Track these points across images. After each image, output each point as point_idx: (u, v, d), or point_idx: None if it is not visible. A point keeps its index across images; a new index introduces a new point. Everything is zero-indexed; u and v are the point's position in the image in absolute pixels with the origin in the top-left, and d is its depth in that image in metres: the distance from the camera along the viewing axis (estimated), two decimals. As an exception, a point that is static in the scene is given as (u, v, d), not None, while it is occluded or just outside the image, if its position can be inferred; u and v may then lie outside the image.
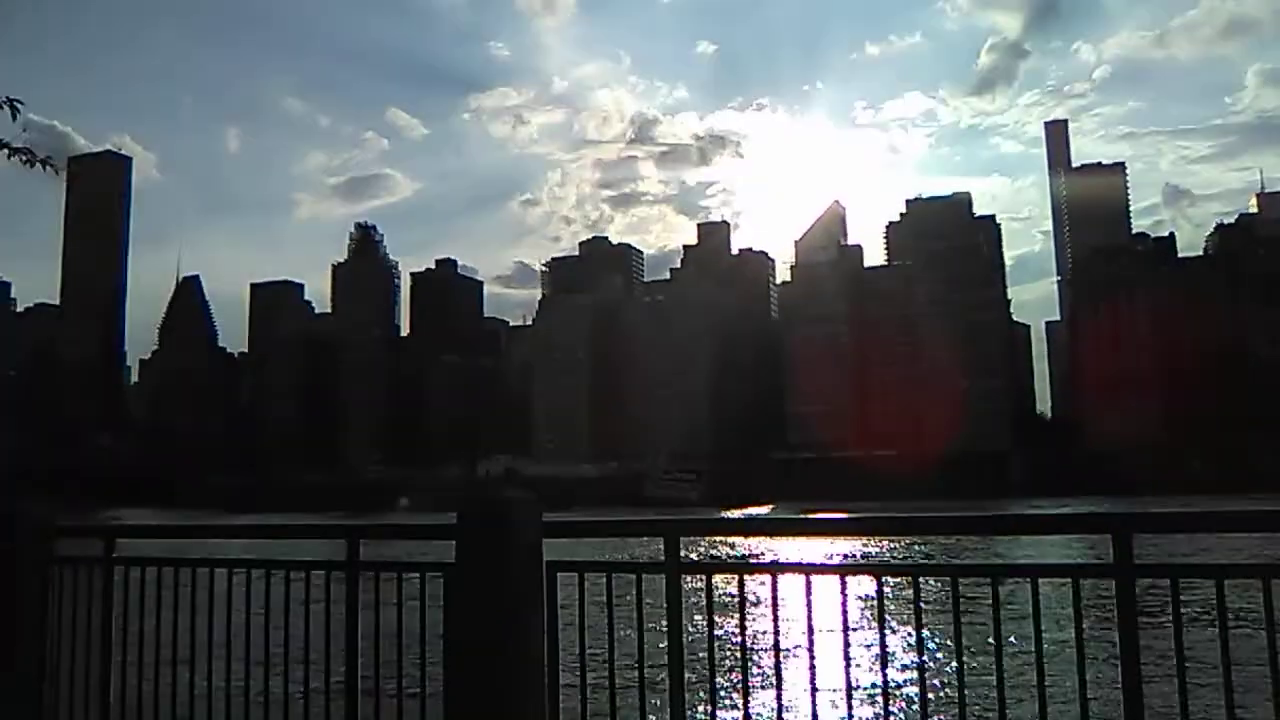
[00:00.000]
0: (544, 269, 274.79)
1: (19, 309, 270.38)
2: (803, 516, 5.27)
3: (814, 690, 4.44)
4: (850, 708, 4.46)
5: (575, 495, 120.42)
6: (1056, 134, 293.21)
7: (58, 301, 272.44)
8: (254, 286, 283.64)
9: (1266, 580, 3.96)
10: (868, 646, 4.57)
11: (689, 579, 4.81)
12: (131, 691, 6.36)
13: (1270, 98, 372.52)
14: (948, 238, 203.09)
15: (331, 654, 5.68)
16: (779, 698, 4.50)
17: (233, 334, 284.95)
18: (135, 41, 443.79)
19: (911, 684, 4.49)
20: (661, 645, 4.77)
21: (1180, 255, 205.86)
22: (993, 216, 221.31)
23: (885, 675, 4.36)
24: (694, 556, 5.12)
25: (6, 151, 6.86)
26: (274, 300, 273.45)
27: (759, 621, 4.61)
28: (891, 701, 4.46)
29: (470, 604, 4.83)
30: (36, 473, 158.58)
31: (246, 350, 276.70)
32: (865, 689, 4.76)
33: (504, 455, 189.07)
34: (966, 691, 4.27)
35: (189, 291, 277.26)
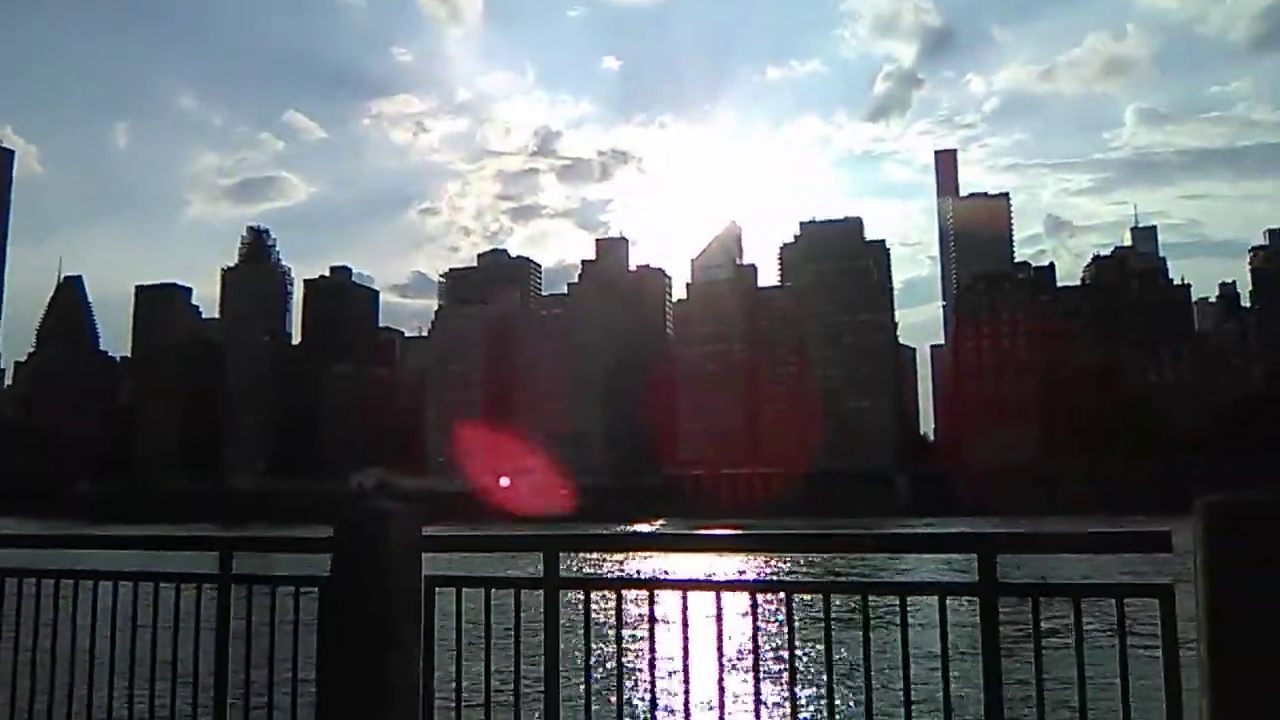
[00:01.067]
0: (441, 279, 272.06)
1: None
2: (682, 532, 5.34)
3: (687, 707, 4.48)
4: (723, 714, 4.52)
5: (452, 509, 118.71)
6: (946, 162, 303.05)
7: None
8: (139, 289, 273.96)
9: (1120, 599, 4.17)
10: (743, 661, 4.65)
11: (569, 594, 4.81)
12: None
13: (1146, 135, 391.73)
14: (839, 260, 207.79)
15: (201, 672, 5.52)
16: (653, 715, 4.54)
17: (116, 337, 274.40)
18: (18, 29, 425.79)
19: (783, 699, 4.57)
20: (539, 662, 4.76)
21: (1059, 284, 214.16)
22: (883, 241, 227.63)
23: (757, 690, 4.43)
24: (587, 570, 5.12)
25: None
26: (160, 303, 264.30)
27: (639, 638, 4.64)
28: (764, 714, 4.53)
29: (345, 619, 4.74)
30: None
31: (129, 354, 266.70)
32: (740, 701, 4.83)
33: (377, 468, 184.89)
34: (837, 702, 4.37)
35: (70, 292, 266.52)
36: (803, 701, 4.54)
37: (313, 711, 4.83)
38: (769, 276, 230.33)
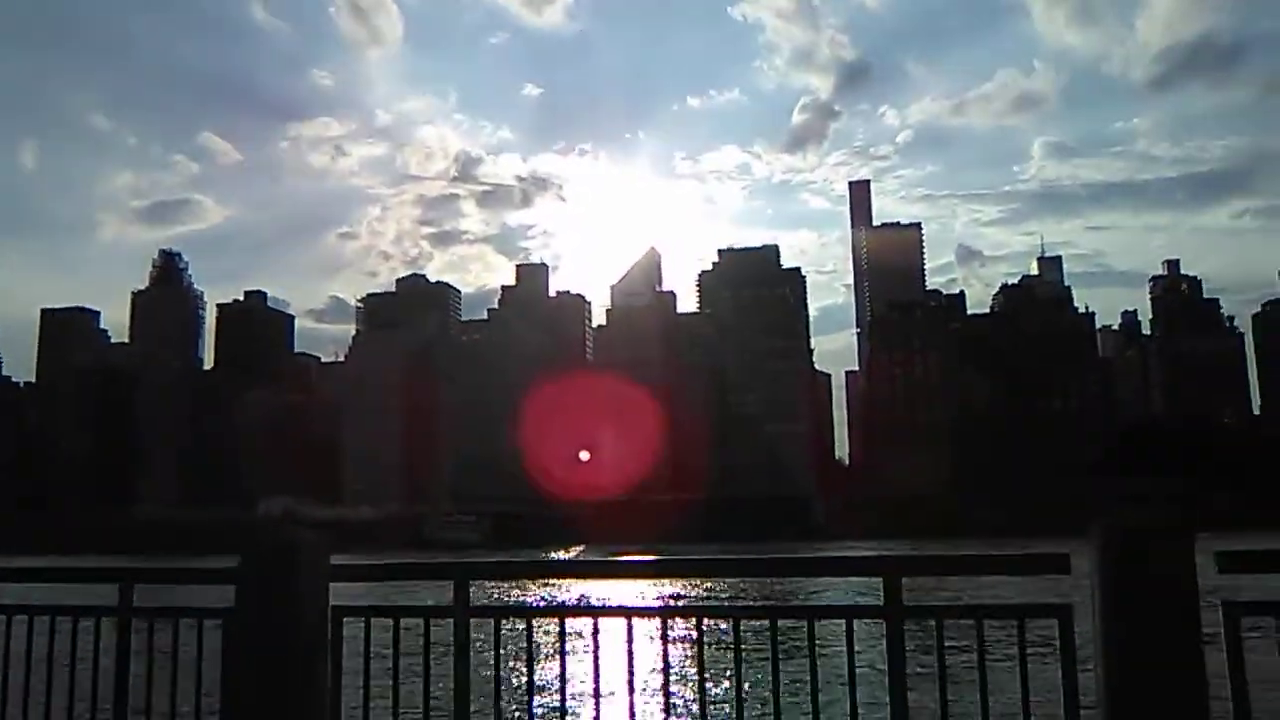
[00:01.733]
0: (359, 305, 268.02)
1: None
2: (594, 560, 5.34)
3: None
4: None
5: (359, 537, 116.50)
6: (860, 193, 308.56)
7: None
8: (44, 312, 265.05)
9: (1021, 620, 4.28)
10: (655, 687, 4.65)
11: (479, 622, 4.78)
12: None
13: (1053, 168, 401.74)
14: (756, 287, 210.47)
15: (99, 708, 5.34)
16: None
17: (19, 362, 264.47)
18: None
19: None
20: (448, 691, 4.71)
21: (969, 312, 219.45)
22: (799, 269, 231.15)
23: (667, 715, 4.44)
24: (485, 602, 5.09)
25: None
26: (67, 327, 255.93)
27: (551, 665, 4.62)
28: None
29: (251, 652, 4.64)
30: None
31: (34, 380, 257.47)
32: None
33: (284, 496, 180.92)
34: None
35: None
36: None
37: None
38: (688, 302, 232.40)
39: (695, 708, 4.50)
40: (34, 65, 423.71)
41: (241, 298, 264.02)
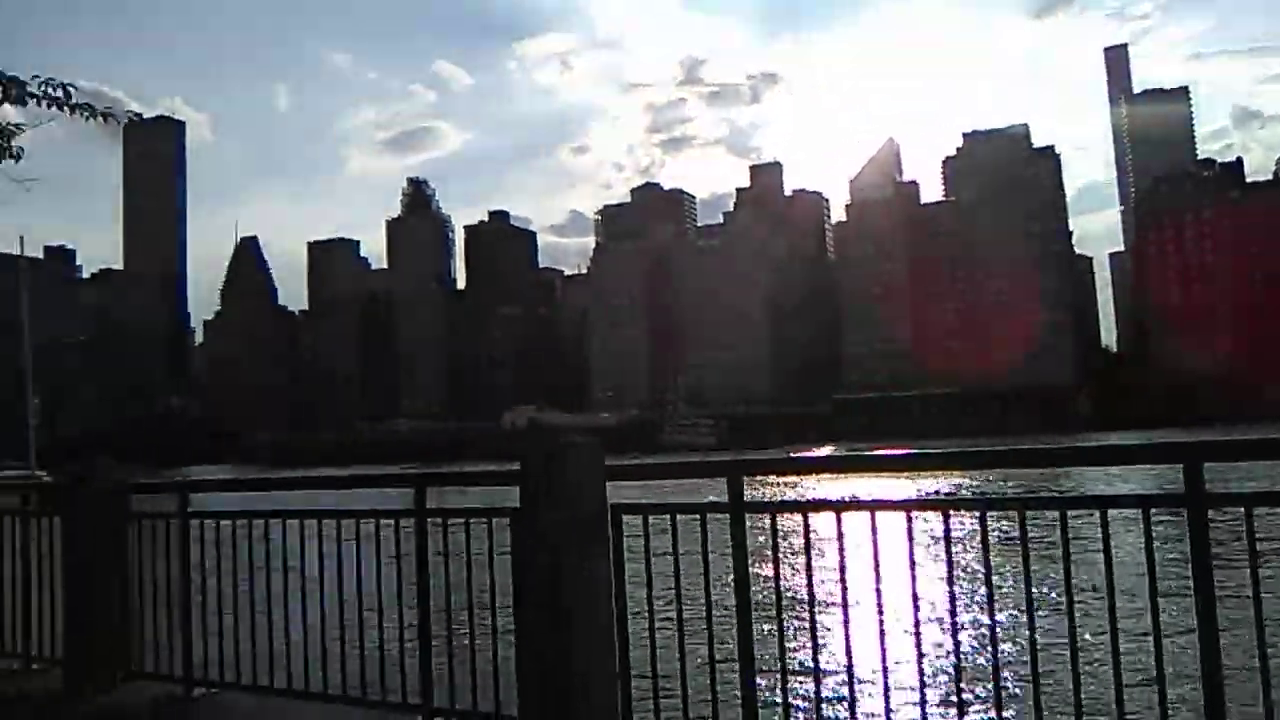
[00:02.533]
0: (597, 217, 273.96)
1: (84, 275, 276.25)
2: (866, 453, 5.25)
3: (882, 630, 4.44)
4: (919, 645, 4.46)
5: (609, 444, 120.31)
6: (1116, 58, 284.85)
7: (121, 266, 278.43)
8: (311, 244, 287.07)
9: None
10: (937, 583, 4.55)
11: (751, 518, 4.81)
12: (213, 640, 6.58)
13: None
14: (1006, 170, 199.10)
15: (403, 600, 5.79)
16: (847, 637, 4.51)
17: (292, 292, 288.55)
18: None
19: (981, 620, 4.47)
20: (721, 587, 4.81)
21: (1249, 180, 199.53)
22: (1051, 146, 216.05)
23: (954, 611, 4.34)
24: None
25: (68, 110, 6.73)
26: (331, 257, 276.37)
27: (825, 561, 4.61)
28: (962, 637, 4.43)
29: (537, 548, 4.90)
30: (107, 434, 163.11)
31: (306, 308, 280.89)
32: (936, 624, 4.75)
33: (528, 406, 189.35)
34: (1037, 624, 4.24)
35: (247, 252, 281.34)
36: (1003, 621, 4.43)
37: (512, 635, 5.05)
38: (932, 192, 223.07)
39: (983, 599, 4.36)
40: (278, 10, 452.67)
41: (485, 218, 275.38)
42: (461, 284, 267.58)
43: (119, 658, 6.97)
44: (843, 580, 4.47)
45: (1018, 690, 4.87)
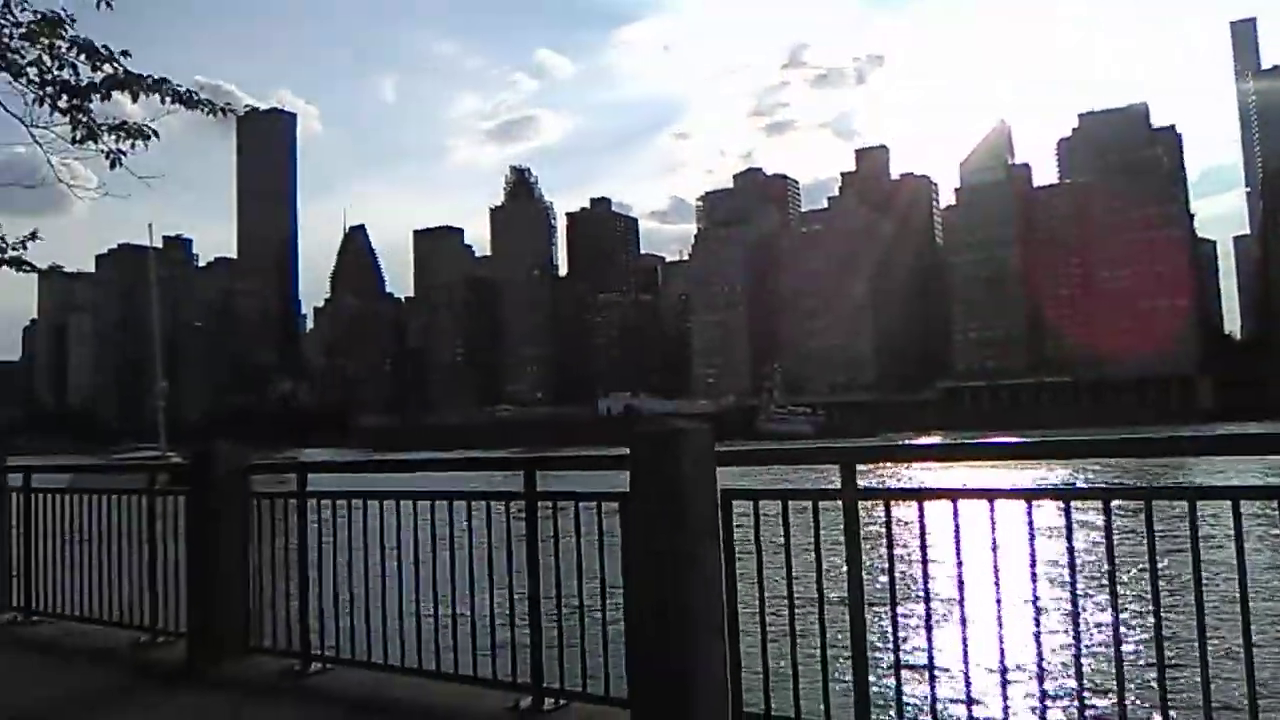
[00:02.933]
0: (698, 203, 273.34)
1: (201, 264, 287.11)
2: (981, 441, 5.12)
3: (1000, 619, 4.33)
4: (1039, 633, 4.33)
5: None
6: (1244, 32, 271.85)
7: (235, 255, 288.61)
8: (417, 233, 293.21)
9: None
10: (1056, 573, 4.42)
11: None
12: (329, 615, 6.76)
13: None
14: (1124, 151, 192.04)
15: (513, 580, 5.87)
16: (963, 624, 4.41)
17: (398, 279, 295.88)
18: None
19: (1103, 611, 4.32)
20: (833, 573, 4.74)
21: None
22: (1173, 126, 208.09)
23: (1075, 603, 4.19)
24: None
25: (188, 105, 7.07)
26: (436, 245, 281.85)
27: (939, 549, 4.51)
28: (1083, 630, 4.28)
29: (647, 533, 4.90)
30: (225, 417, 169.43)
31: (412, 294, 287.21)
32: (1054, 614, 4.61)
33: (624, 392, 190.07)
34: (1163, 617, 4.07)
35: (356, 240, 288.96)
36: (1126, 613, 4.27)
37: (621, 620, 5.07)
38: (1045, 175, 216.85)
39: (1105, 590, 4.21)
40: (380, 3, 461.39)
41: (587, 205, 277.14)
42: (564, 270, 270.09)
43: (239, 633, 7.22)
44: (959, 568, 4.36)
45: (1142, 694, 4.68)
